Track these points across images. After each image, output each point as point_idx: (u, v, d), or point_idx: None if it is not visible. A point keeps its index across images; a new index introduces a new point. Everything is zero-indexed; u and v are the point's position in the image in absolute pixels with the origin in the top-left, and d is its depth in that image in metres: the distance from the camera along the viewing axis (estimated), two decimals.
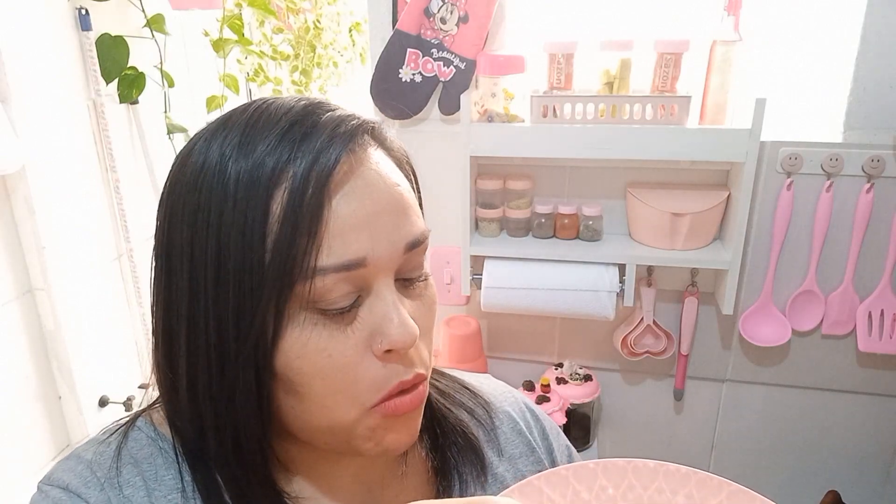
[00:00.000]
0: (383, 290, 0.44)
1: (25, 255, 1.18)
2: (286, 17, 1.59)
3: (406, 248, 0.44)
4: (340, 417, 0.44)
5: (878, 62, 1.12)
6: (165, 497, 0.47)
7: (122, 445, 0.49)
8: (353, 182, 0.43)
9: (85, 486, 0.46)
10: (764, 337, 1.27)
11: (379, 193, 0.44)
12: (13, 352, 1.17)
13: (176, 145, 1.48)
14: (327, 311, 0.42)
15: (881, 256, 1.19)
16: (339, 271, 0.42)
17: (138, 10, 1.33)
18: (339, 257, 0.41)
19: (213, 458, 0.47)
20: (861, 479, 1.36)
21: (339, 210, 0.42)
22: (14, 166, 1.09)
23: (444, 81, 1.25)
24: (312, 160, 0.41)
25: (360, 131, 0.45)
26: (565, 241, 1.27)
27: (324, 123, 0.43)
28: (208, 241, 0.42)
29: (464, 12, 1.19)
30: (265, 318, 0.42)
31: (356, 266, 0.42)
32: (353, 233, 0.42)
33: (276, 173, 0.41)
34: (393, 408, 0.44)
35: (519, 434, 0.61)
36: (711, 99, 1.14)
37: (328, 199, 0.41)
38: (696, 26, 1.17)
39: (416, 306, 0.46)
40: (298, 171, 0.41)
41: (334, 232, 0.41)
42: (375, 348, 0.43)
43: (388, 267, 0.44)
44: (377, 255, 0.43)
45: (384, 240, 0.43)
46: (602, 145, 1.13)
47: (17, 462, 1.19)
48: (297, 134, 0.42)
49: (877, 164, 1.13)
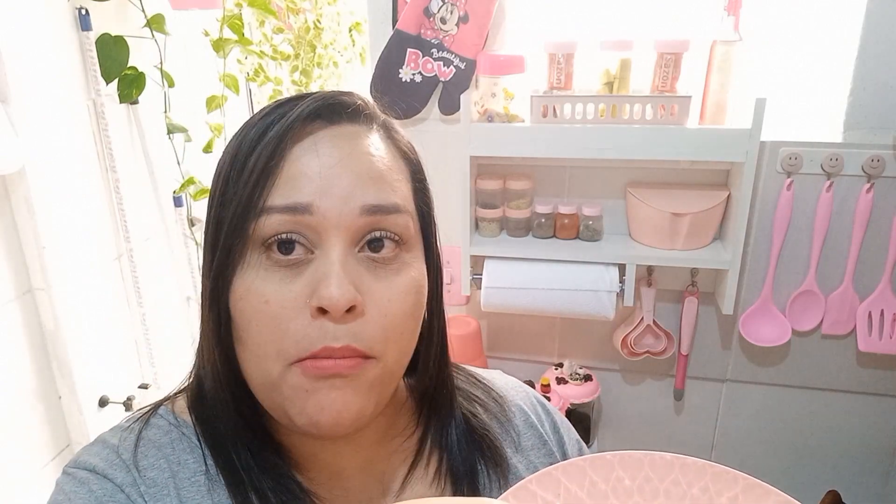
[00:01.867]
0: (331, 249, 0.45)
1: (25, 255, 1.18)
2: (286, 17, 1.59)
3: (363, 210, 0.45)
4: (268, 370, 0.45)
5: (878, 62, 1.12)
6: (189, 479, 0.48)
7: (144, 431, 0.50)
8: (320, 138, 0.46)
9: (111, 468, 0.47)
10: (764, 337, 1.27)
11: (344, 153, 0.46)
12: (13, 352, 1.17)
13: (176, 145, 1.48)
14: (277, 261, 0.45)
15: (881, 256, 1.19)
16: (283, 212, 0.44)
17: (138, 10, 1.33)
18: (284, 199, 0.44)
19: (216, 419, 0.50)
20: (861, 479, 1.36)
21: (297, 158, 0.45)
22: (14, 166, 1.09)
23: (444, 81, 1.25)
24: (288, 116, 0.46)
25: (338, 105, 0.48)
26: (565, 241, 1.27)
27: (307, 98, 0.48)
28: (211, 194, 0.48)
29: (464, 12, 1.19)
30: (224, 257, 0.45)
31: (301, 211, 0.44)
32: (304, 180, 0.45)
33: (260, 133, 0.46)
34: (311, 366, 0.43)
35: (531, 427, 0.61)
36: (711, 99, 1.14)
37: (289, 147, 0.45)
38: (696, 26, 1.17)
39: (380, 286, 0.46)
40: (276, 130, 0.46)
41: (287, 177, 0.45)
42: (310, 305, 0.44)
43: (341, 224, 0.45)
44: (325, 206, 0.44)
45: (336, 195, 0.45)
46: (602, 145, 1.13)
47: (18, 462, 1.19)
48: (288, 105, 0.47)
49: (877, 164, 1.13)
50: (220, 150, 1.66)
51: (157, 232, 1.49)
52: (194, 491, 0.48)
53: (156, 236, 1.48)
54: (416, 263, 0.49)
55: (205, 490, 0.48)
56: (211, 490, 0.48)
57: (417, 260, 0.49)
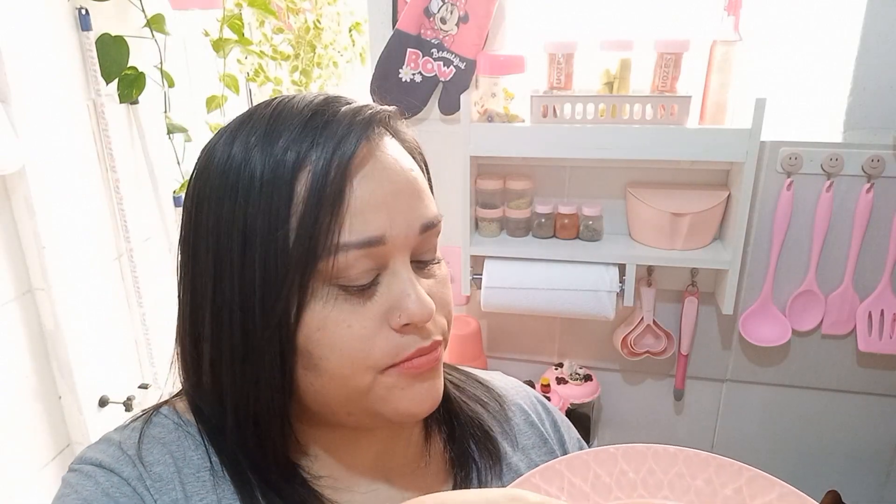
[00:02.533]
0: (400, 268, 0.46)
1: (25, 255, 1.18)
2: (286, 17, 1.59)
3: (421, 229, 0.47)
4: (357, 384, 0.46)
5: (878, 62, 1.12)
6: (195, 475, 0.49)
7: (148, 429, 0.51)
8: (370, 166, 0.46)
9: (117, 463, 0.48)
10: (764, 337, 1.27)
11: (395, 176, 0.47)
12: (13, 352, 1.17)
13: (176, 145, 1.48)
14: (349, 288, 0.45)
15: (881, 256, 1.19)
16: (360, 248, 0.44)
17: (138, 10, 1.33)
18: (359, 234, 0.44)
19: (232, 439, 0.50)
20: (861, 479, 1.36)
21: (359, 191, 0.45)
22: (14, 166, 1.09)
23: (444, 81, 1.25)
24: (334, 146, 0.44)
25: (376, 120, 0.48)
26: (565, 241, 1.27)
27: (343, 113, 0.46)
28: (234, 224, 0.45)
29: (464, 12, 1.19)
30: (290, 294, 0.44)
31: (376, 243, 0.45)
32: (372, 212, 0.45)
33: (300, 158, 0.44)
34: (407, 367, 0.46)
35: (531, 426, 0.63)
36: (711, 99, 1.14)
37: (349, 181, 0.44)
38: (696, 26, 1.17)
39: (431, 284, 0.49)
40: (321, 156, 0.44)
41: (355, 211, 0.44)
42: (394, 322, 0.46)
43: (405, 245, 0.47)
44: (394, 233, 0.45)
45: (401, 220, 0.46)
46: (602, 145, 1.13)
47: (18, 462, 1.19)
48: (318, 123, 0.46)
49: (877, 164, 1.13)
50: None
51: (157, 232, 1.49)
52: (199, 486, 0.49)
53: (156, 236, 1.48)
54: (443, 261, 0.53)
55: (209, 485, 0.49)
56: (216, 485, 0.49)
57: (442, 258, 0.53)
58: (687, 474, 0.47)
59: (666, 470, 0.47)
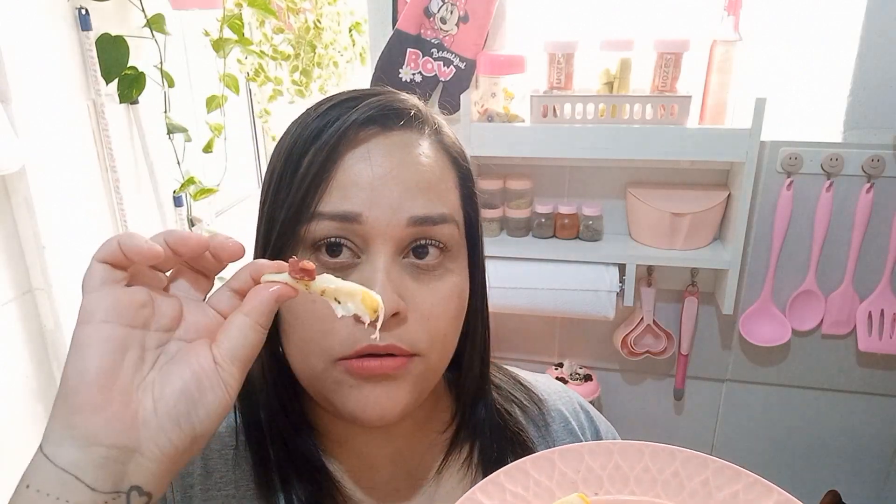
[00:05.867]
0: (377, 256, 0.46)
1: (25, 255, 1.18)
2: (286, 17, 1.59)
3: (409, 221, 0.46)
4: (313, 366, 0.47)
5: (878, 62, 1.12)
6: (219, 451, 0.53)
7: None
8: (372, 146, 0.47)
9: None
10: (764, 337, 1.27)
11: (395, 163, 0.47)
12: (13, 351, 1.17)
13: (176, 145, 1.48)
14: (325, 262, 0.46)
15: (881, 256, 1.19)
16: (333, 219, 0.45)
17: (138, 10, 1.33)
18: (335, 206, 0.45)
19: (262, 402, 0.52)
20: (861, 479, 1.36)
21: (350, 168, 0.46)
22: (14, 166, 1.09)
23: (444, 81, 1.25)
24: (342, 125, 0.46)
25: (394, 111, 0.48)
26: (565, 241, 1.27)
27: (361, 104, 0.48)
28: (264, 189, 0.49)
29: (464, 12, 1.19)
30: (277, 255, 0.46)
31: (351, 219, 0.45)
32: (355, 188, 0.46)
33: (314, 135, 0.47)
34: (356, 366, 0.45)
35: (570, 433, 0.61)
36: (711, 99, 1.14)
37: (342, 157, 0.46)
38: (696, 26, 1.17)
39: (423, 292, 0.47)
40: (331, 133, 0.46)
41: (338, 185, 0.46)
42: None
43: (388, 233, 0.46)
44: (374, 215, 0.45)
45: (385, 205, 0.46)
46: (602, 145, 1.13)
47: (18, 462, 1.19)
48: (344, 107, 0.48)
49: (877, 164, 1.13)
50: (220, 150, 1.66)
51: (157, 232, 1.49)
52: (222, 463, 0.52)
53: None
54: (458, 269, 0.50)
55: (231, 464, 0.52)
56: (237, 464, 0.52)
57: (461, 266, 0.51)
58: (653, 468, 0.47)
59: (662, 469, 0.47)
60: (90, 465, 0.34)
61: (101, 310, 0.36)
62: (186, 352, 0.38)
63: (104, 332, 0.35)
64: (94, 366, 0.35)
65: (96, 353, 0.35)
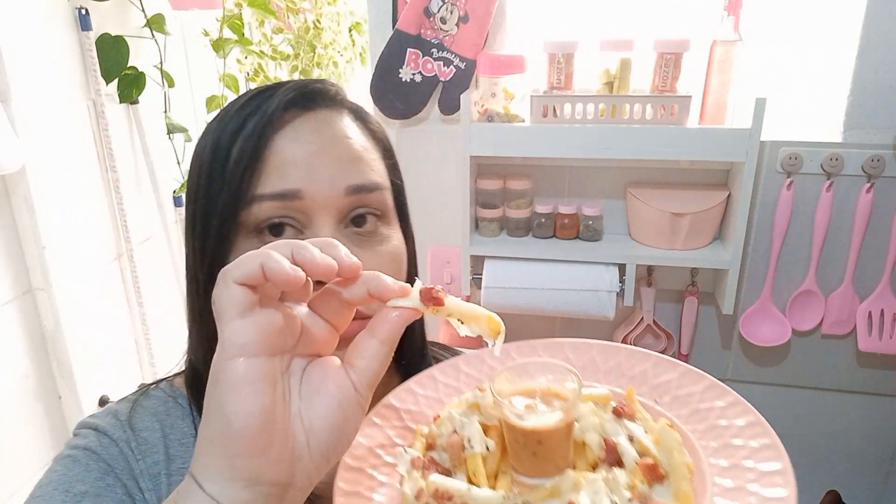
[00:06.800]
0: (321, 228, 0.49)
1: (25, 255, 1.18)
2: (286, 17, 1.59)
3: (347, 190, 0.50)
4: None
5: (878, 62, 1.12)
6: (179, 441, 0.55)
7: (144, 400, 0.58)
8: (298, 126, 0.50)
9: (110, 427, 0.55)
10: (764, 337, 1.27)
11: (324, 139, 0.50)
12: (13, 352, 1.17)
13: (176, 145, 1.48)
14: (268, 240, 0.48)
15: (881, 256, 1.19)
16: (275, 199, 0.48)
17: (138, 10, 1.33)
18: (274, 187, 0.48)
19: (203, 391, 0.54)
20: (861, 479, 1.36)
21: (281, 149, 0.48)
22: (14, 166, 1.09)
23: (444, 81, 1.25)
24: (266, 112, 0.49)
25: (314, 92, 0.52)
26: (565, 241, 1.27)
27: (282, 88, 0.51)
28: (190, 189, 0.51)
29: (464, 12, 1.19)
30: (218, 244, 0.49)
31: (292, 196, 0.48)
32: (291, 167, 0.48)
33: (240, 124, 0.49)
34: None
35: None
36: (711, 99, 1.14)
37: (272, 140, 0.48)
38: (696, 26, 1.17)
39: (368, 256, 0.51)
40: (255, 122, 0.49)
41: (273, 167, 0.48)
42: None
43: (328, 205, 0.49)
44: (314, 189, 0.48)
45: (323, 178, 0.49)
46: (602, 145, 1.13)
47: (18, 462, 1.19)
48: (265, 95, 0.50)
49: (877, 163, 1.13)
50: None
51: (157, 232, 1.49)
52: (182, 450, 0.55)
53: (156, 236, 1.48)
54: (394, 234, 0.54)
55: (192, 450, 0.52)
56: None
57: (395, 231, 0.55)
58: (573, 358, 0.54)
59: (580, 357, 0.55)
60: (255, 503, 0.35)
61: (250, 342, 0.34)
62: (322, 377, 0.38)
63: (258, 368, 0.34)
64: (257, 407, 0.34)
65: (254, 391, 0.34)
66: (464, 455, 0.45)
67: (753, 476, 0.45)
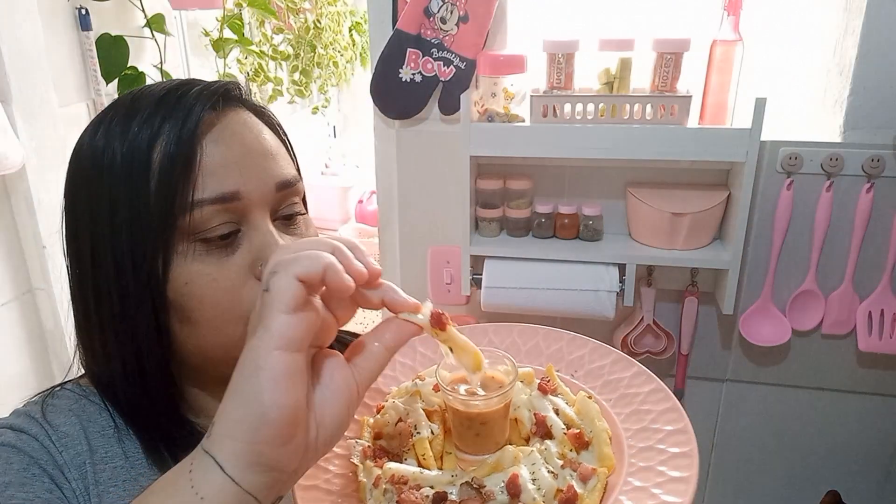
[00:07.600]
0: (260, 222, 0.52)
1: (25, 255, 1.18)
2: (286, 17, 1.59)
3: (277, 186, 0.53)
4: (230, 334, 0.51)
5: (878, 62, 1.12)
6: (100, 433, 0.56)
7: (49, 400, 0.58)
8: (219, 131, 0.51)
9: (26, 425, 0.55)
10: (764, 337, 1.27)
11: (245, 139, 0.52)
12: (13, 351, 1.17)
13: None
14: (210, 241, 0.50)
15: (881, 256, 1.19)
16: (214, 203, 0.50)
17: (138, 10, 1.33)
18: (213, 191, 0.50)
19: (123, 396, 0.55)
20: (861, 479, 1.36)
21: (210, 153, 0.50)
22: (14, 166, 1.09)
23: (444, 81, 1.25)
24: (183, 116, 0.50)
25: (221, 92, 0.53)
26: (565, 240, 1.27)
27: (192, 90, 0.52)
28: (103, 198, 0.51)
29: (464, 12, 1.19)
30: (155, 252, 0.49)
31: (230, 199, 0.50)
32: (224, 171, 0.50)
33: (155, 132, 0.50)
34: None
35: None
36: (711, 99, 1.14)
37: (199, 145, 0.50)
38: (696, 26, 1.17)
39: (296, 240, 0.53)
40: (172, 126, 0.50)
41: (207, 171, 0.50)
42: (257, 271, 0.50)
43: (262, 202, 0.52)
44: (249, 189, 0.51)
45: (255, 177, 0.52)
46: (602, 145, 1.13)
47: None
48: (170, 100, 0.51)
49: (877, 164, 1.13)
50: None
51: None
52: (104, 441, 0.55)
53: None
54: (311, 222, 0.58)
55: (114, 440, 0.55)
56: (121, 440, 0.55)
57: (310, 218, 0.58)
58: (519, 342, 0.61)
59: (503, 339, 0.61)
60: (266, 487, 0.36)
61: (297, 338, 0.36)
62: (332, 373, 0.40)
63: (298, 364, 0.36)
64: (293, 401, 0.36)
65: (293, 385, 0.36)
66: (411, 441, 0.50)
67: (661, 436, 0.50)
